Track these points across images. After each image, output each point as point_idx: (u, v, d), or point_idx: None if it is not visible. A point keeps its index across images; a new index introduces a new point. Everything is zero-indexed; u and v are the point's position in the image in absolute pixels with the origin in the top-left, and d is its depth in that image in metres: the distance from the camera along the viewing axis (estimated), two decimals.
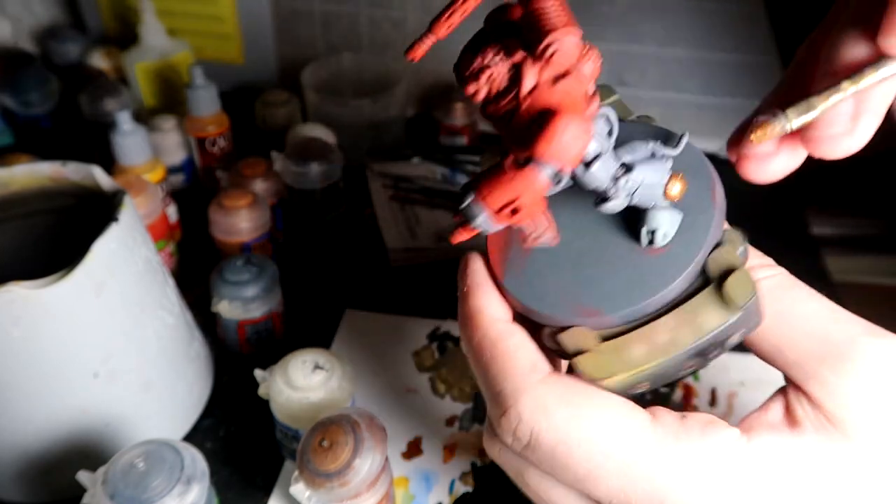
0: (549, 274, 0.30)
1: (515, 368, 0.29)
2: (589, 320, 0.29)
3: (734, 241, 0.28)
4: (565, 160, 0.24)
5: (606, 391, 0.29)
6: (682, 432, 0.28)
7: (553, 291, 0.30)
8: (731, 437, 0.28)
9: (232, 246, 0.68)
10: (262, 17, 0.93)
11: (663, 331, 0.27)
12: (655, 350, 0.27)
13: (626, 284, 0.29)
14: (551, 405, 0.28)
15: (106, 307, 0.48)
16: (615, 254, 0.30)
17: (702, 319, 0.27)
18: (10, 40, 0.94)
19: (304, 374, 0.51)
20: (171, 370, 0.55)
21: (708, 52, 0.83)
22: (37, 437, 0.49)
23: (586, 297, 0.29)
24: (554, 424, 0.28)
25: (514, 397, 0.29)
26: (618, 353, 0.28)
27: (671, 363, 0.28)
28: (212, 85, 0.77)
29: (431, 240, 0.76)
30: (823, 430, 0.28)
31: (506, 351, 0.30)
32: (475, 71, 0.25)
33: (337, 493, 0.44)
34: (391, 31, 0.91)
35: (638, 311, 0.28)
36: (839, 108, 0.28)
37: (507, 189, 0.25)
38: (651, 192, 0.28)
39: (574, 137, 0.24)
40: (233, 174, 0.73)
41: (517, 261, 0.32)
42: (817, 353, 0.28)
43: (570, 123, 0.24)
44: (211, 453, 0.56)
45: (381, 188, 0.83)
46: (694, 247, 0.28)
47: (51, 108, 0.86)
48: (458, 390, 0.61)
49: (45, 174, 0.53)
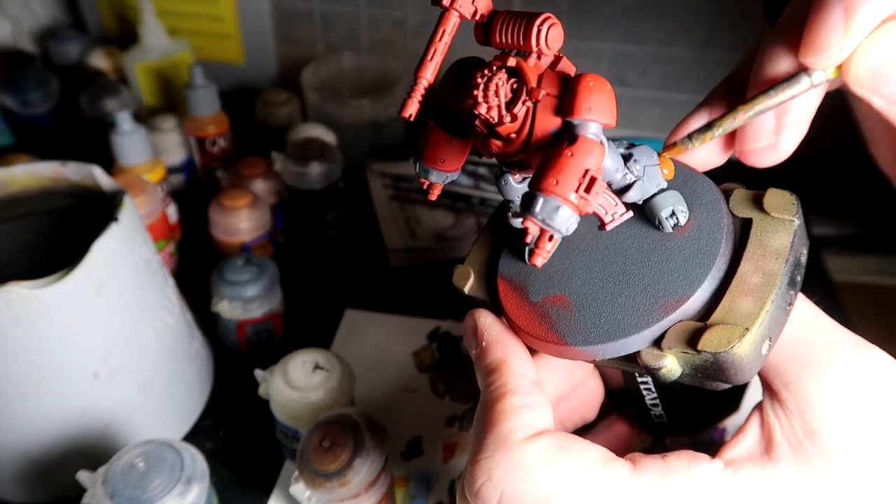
0: (601, 302, 0.29)
1: (506, 423, 0.28)
2: (677, 311, 0.28)
3: (734, 185, 0.30)
4: (605, 112, 0.24)
5: (585, 442, 0.28)
6: (667, 474, 0.27)
7: (616, 314, 0.29)
8: (715, 472, 0.28)
9: (232, 246, 0.68)
10: (262, 17, 0.93)
11: (749, 275, 0.27)
12: (758, 292, 0.27)
13: (682, 269, 0.29)
14: (531, 465, 0.27)
15: (106, 307, 0.48)
16: (647, 255, 0.30)
17: (773, 244, 0.28)
18: (10, 40, 0.94)
19: (304, 374, 0.51)
20: (170, 370, 0.55)
21: (708, 52, 0.83)
22: (37, 437, 0.49)
23: (659, 295, 0.28)
24: (534, 484, 0.27)
25: (491, 450, 0.28)
26: (730, 317, 0.27)
27: (778, 299, 0.27)
28: (212, 85, 0.77)
29: (431, 240, 0.76)
30: (799, 447, 0.28)
31: (511, 405, 0.29)
32: (476, 90, 0.25)
33: (337, 493, 0.44)
34: (391, 31, 0.91)
35: (713, 283, 0.28)
36: (761, 123, 0.29)
37: (573, 166, 0.24)
38: (653, 172, 0.29)
39: (603, 90, 0.24)
40: (233, 174, 0.73)
41: (523, 302, 0.31)
42: (799, 358, 0.28)
43: (594, 80, 0.24)
44: (211, 453, 0.56)
45: (381, 188, 0.83)
46: (713, 208, 0.29)
47: (51, 108, 0.86)
48: (458, 390, 0.61)
49: (45, 174, 0.53)
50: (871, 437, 0.27)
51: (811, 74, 0.27)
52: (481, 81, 0.25)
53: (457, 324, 0.66)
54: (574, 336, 0.29)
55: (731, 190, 0.30)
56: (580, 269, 0.30)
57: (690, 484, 0.27)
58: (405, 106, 0.26)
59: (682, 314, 0.28)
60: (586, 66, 0.86)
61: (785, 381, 0.28)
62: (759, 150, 0.30)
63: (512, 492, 0.27)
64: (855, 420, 0.27)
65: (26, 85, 0.84)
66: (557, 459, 0.27)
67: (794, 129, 0.29)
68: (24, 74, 0.85)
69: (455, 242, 0.75)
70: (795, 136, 0.30)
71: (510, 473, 0.27)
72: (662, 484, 0.27)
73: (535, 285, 0.31)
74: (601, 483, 0.27)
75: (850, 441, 0.27)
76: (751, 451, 0.29)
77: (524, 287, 0.31)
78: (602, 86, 0.24)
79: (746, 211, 0.29)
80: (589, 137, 0.24)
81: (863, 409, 0.27)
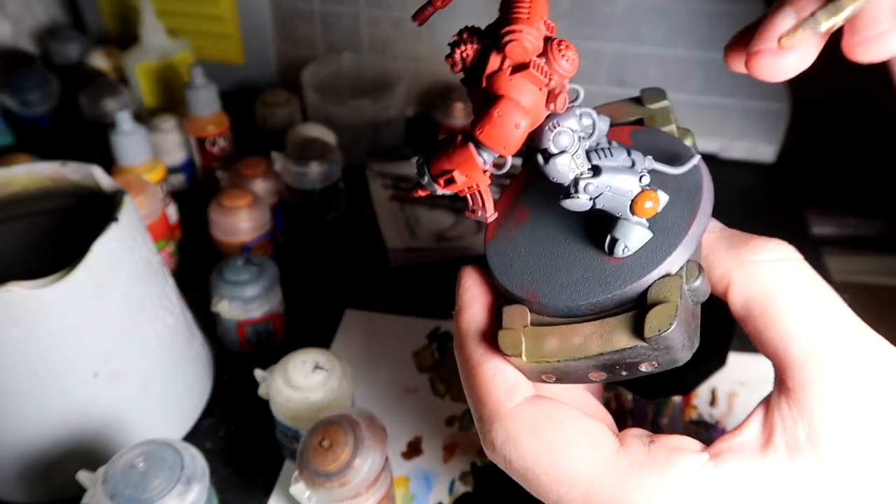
0: (523, 252, 0.32)
1: (491, 394, 0.30)
2: (530, 303, 0.30)
3: (690, 275, 0.28)
4: (499, 145, 0.26)
5: (575, 415, 0.29)
6: (645, 462, 0.28)
7: (517, 267, 0.31)
8: (695, 465, 0.27)
9: (232, 246, 0.68)
10: (262, 17, 0.93)
11: (579, 335, 0.29)
12: (565, 349, 0.29)
13: (573, 282, 0.29)
14: (521, 435, 0.29)
15: (106, 307, 0.48)
16: (583, 252, 0.30)
17: (613, 337, 0.28)
18: (10, 40, 0.94)
19: (304, 374, 0.51)
20: (170, 370, 0.55)
21: (708, 52, 0.83)
22: (37, 437, 0.49)
23: (536, 282, 0.30)
24: (521, 454, 0.29)
25: (489, 424, 0.30)
26: (534, 340, 0.29)
27: (575, 366, 0.29)
28: (212, 85, 0.77)
29: (431, 240, 0.76)
30: (796, 450, 0.27)
31: (485, 375, 0.30)
32: (451, 45, 0.27)
33: (337, 493, 0.44)
34: (391, 31, 0.91)
35: (570, 309, 0.29)
36: (878, 4, 0.26)
37: (444, 160, 0.27)
38: (618, 202, 0.28)
39: (508, 126, 0.25)
40: (233, 174, 0.73)
41: (506, 232, 0.33)
42: (825, 361, 0.27)
43: (508, 112, 0.25)
44: (211, 453, 0.56)
45: (381, 188, 0.83)
46: (644, 269, 0.28)
47: (51, 108, 0.86)
48: (458, 390, 0.61)
49: (45, 174, 0.53)
50: (871, 451, 0.26)
51: None
52: (457, 39, 0.27)
53: None
54: (492, 257, 0.32)
55: (681, 272, 0.28)
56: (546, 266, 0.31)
57: (666, 475, 0.27)
58: (419, 13, 0.28)
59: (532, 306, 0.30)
60: (586, 65, 0.86)
61: (804, 381, 0.27)
62: (876, 38, 0.26)
63: (509, 459, 0.29)
64: (864, 436, 0.26)
65: (26, 85, 0.84)
66: (543, 432, 0.29)
67: (808, 45, 0.27)
68: (24, 74, 0.85)
69: (455, 242, 0.75)
70: (810, 51, 0.27)
71: (507, 442, 0.29)
72: (639, 470, 0.27)
73: (511, 217, 0.33)
74: (580, 461, 0.28)
75: (852, 455, 0.26)
76: (745, 446, 0.28)
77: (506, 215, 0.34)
78: (512, 120, 0.25)
79: (651, 297, 0.28)
80: (472, 151, 0.27)
81: (873, 424, 0.26)
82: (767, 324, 0.28)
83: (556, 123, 0.27)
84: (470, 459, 0.56)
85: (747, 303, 0.29)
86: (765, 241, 0.29)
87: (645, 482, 0.27)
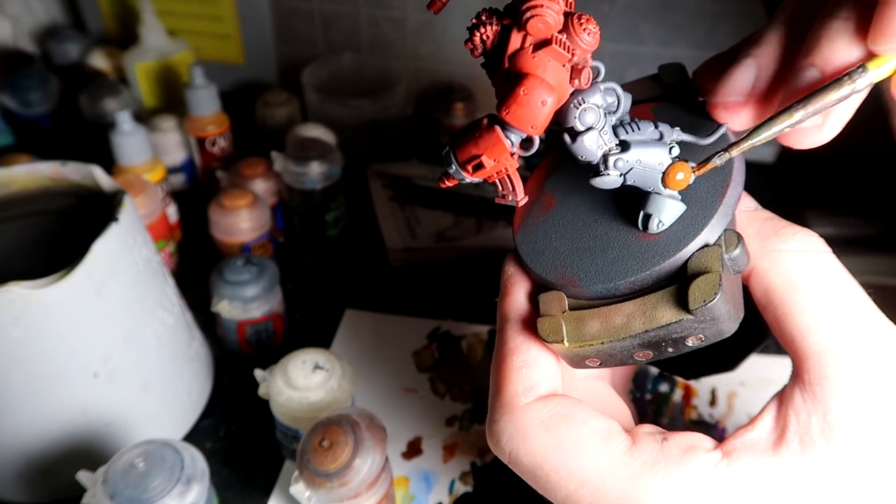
0: (553, 238, 0.31)
1: (510, 386, 0.30)
2: (566, 288, 0.30)
3: (729, 244, 0.28)
4: (526, 124, 0.25)
5: (587, 412, 0.29)
6: (658, 460, 0.27)
7: (549, 254, 0.31)
8: (709, 464, 0.27)
9: (232, 246, 0.68)
10: (262, 17, 0.93)
11: (620, 314, 0.28)
12: (608, 330, 0.28)
13: (608, 263, 0.29)
14: (531, 431, 0.29)
15: (106, 307, 0.48)
16: (616, 231, 0.30)
17: (657, 312, 0.27)
18: (10, 40, 0.94)
19: (304, 374, 0.51)
20: (170, 370, 0.55)
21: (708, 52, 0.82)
22: (37, 437, 0.49)
23: (570, 266, 0.30)
24: (531, 450, 0.29)
25: (499, 414, 0.30)
26: (574, 324, 0.29)
27: (619, 347, 0.28)
28: (212, 85, 0.77)
29: (431, 240, 0.76)
30: (810, 445, 0.26)
31: (512, 365, 0.30)
32: (469, 28, 0.27)
33: (337, 493, 0.44)
34: (391, 31, 0.91)
35: (609, 289, 0.29)
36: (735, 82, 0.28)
37: (472, 145, 0.27)
38: (649, 177, 0.28)
39: (535, 104, 0.25)
40: (233, 174, 0.73)
41: (534, 220, 0.32)
42: (847, 354, 0.26)
43: (534, 90, 0.25)
44: (211, 453, 0.56)
45: (381, 188, 0.83)
46: (681, 241, 0.28)
47: (51, 108, 0.86)
48: (458, 390, 0.61)
49: (45, 174, 0.53)
50: (886, 447, 0.26)
51: (861, 75, 0.25)
52: (475, 22, 0.27)
53: (457, 324, 0.66)
54: (522, 245, 0.31)
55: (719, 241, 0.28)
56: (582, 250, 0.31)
57: (679, 474, 0.27)
58: (434, 2, 0.27)
59: (569, 291, 0.30)
60: None
61: (821, 374, 0.26)
62: (803, 132, 0.28)
63: (515, 454, 0.29)
64: (879, 432, 0.26)
65: (26, 85, 0.84)
66: (555, 429, 0.28)
67: (843, 112, 0.27)
68: (24, 74, 0.85)
69: (455, 242, 0.75)
70: (844, 119, 0.28)
71: (514, 437, 0.29)
72: (651, 468, 0.27)
73: (538, 205, 0.33)
74: (592, 458, 0.28)
75: (866, 450, 0.26)
76: (757, 442, 0.28)
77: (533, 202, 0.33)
78: (539, 98, 0.25)
79: (692, 269, 0.28)
80: (499, 134, 0.26)
81: (888, 420, 0.26)
82: (787, 314, 0.28)
83: (581, 100, 0.26)
84: (470, 459, 0.56)
85: (768, 291, 0.28)
86: (794, 230, 0.29)
87: (657, 481, 0.27)
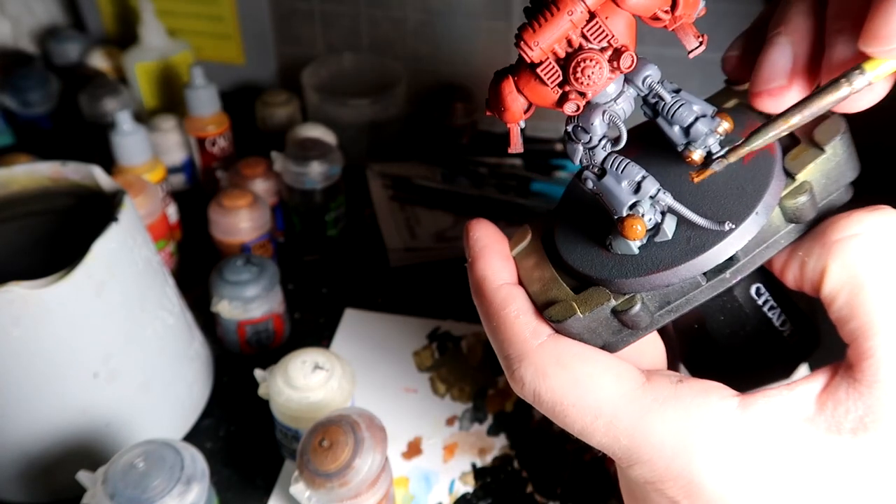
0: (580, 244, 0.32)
1: (517, 334, 0.31)
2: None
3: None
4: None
5: (599, 351, 0.30)
6: (670, 398, 0.28)
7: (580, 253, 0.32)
8: (723, 406, 0.27)
9: (232, 246, 0.68)
10: (262, 17, 0.93)
11: None
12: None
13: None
14: (549, 370, 0.30)
15: (106, 307, 0.48)
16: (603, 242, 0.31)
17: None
18: (10, 40, 0.94)
19: (304, 374, 0.51)
20: (170, 370, 0.55)
21: (708, 52, 0.83)
22: (37, 437, 0.49)
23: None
24: (550, 387, 0.30)
25: (517, 362, 0.31)
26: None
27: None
28: (212, 85, 0.77)
29: (431, 240, 0.76)
30: (834, 434, 0.26)
31: (508, 318, 0.31)
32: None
33: (337, 493, 0.44)
34: (391, 31, 0.91)
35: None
36: (775, 62, 0.30)
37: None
38: (610, 209, 0.29)
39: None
40: (233, 174, 0.73)
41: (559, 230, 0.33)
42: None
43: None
44: (211, 453, 0.56)
45: (381, 188, 0.83)
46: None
47: (51, 108, 0.86)
48: (458, 390, 0.61)
49: (45, 174, 0.53)
50: None
51: (858, 76, 0.25)
52: None
53: (457, 324, 0.66)
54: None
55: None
56: None
57: (689, 412, 0.27)
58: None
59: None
60: None
61: (873, 379, 0.25)
62: (856, 97, 0.27)
63: (538, 392, 0.30)
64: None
65: (26, 85, 0.84)
66: (571, 366, 0.29)
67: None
68: (24, 74, 0.85)
69: (455, 242, 0.75)
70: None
71: (535, 378, 0.30)
72: (662, 404, 0.27)
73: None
74: (605, 392, 0.29)
75: (888, 459, 0.25)
76: (783, 404, 0.26)
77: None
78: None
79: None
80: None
81: None
82: (852, 313, 0.26)
83: (604, 111, 0.30)
84: (470, 459, 0.56)
85: (833, 292, 0.27)
86: (858, 215, 0.30)
87: (668, 416, 0.27)
